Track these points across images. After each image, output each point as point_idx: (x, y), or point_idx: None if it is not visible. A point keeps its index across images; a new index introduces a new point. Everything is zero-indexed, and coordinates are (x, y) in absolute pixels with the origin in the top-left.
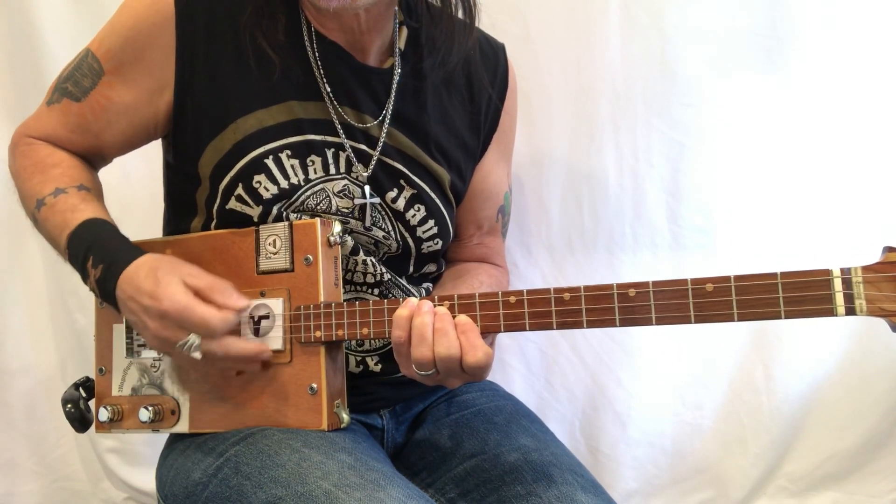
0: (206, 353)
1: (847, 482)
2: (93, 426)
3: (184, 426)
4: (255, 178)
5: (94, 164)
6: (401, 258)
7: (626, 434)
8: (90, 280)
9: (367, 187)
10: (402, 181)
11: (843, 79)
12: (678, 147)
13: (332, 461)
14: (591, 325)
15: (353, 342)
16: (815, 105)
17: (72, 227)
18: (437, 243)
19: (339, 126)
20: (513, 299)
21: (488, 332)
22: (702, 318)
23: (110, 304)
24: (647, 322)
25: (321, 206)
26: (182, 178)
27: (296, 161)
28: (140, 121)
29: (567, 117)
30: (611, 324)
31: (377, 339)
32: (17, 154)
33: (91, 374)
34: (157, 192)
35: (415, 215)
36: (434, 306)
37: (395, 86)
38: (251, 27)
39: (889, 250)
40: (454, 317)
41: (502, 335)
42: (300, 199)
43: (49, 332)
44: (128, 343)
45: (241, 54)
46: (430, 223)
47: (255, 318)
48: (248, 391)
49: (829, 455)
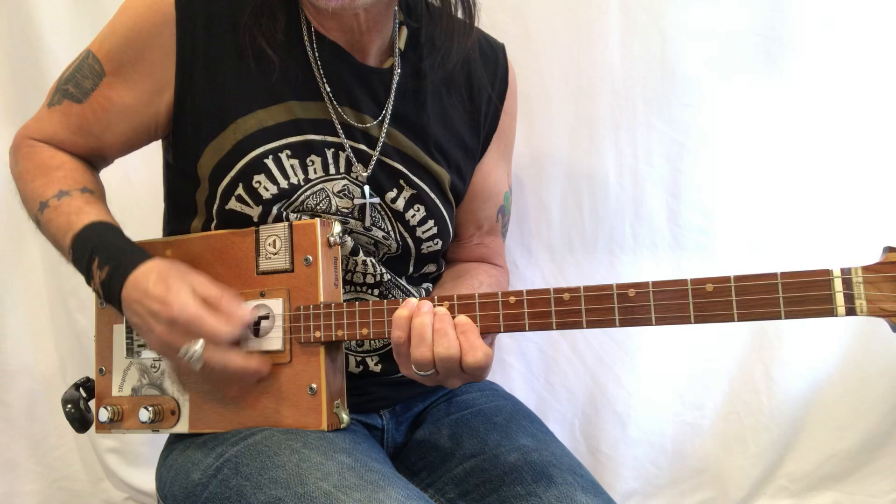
0: (206, 364)
1: (847, 482)
2: (93, 426)
3: (184, 426)
4: (255, 179)
5: (96, 165)
6: (400, 258)
7: (626, 434)
8: (94, 281)
9: (367, 187)
10: (402, 181)
11: (843, 79)
12: (678, 147)
13: (332, 462)
14: (591, 325)
15: (353, 342)
16: (814, 105)
17: (76, 229)
18: (437, 243)
19: (338, 126)
20: (512, 300)
21: (488, 333)
22: (702, 319)
23: (113, 305)
24: (647, 322)
25: (321, 206)
26: (182, 178)
27: (295, 161)
28: (141, 121)
29: (567, 117)
30: (610, 324)
31: (377, 340)
32: (20, 156)
33: (91, 375)
34: (157, 193)
35: (414, 215)
36: (433, 306)
37: (394, 86)
38: (251, 27)
39: (889, 250)
40: (454, 317)
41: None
42: (300, 199)
43: (49, 332)
44: (128, 343)
45: (241, 54)
46: (430, 223)
47: (255, 318)
48: (247, 392)
49: (829, 455)
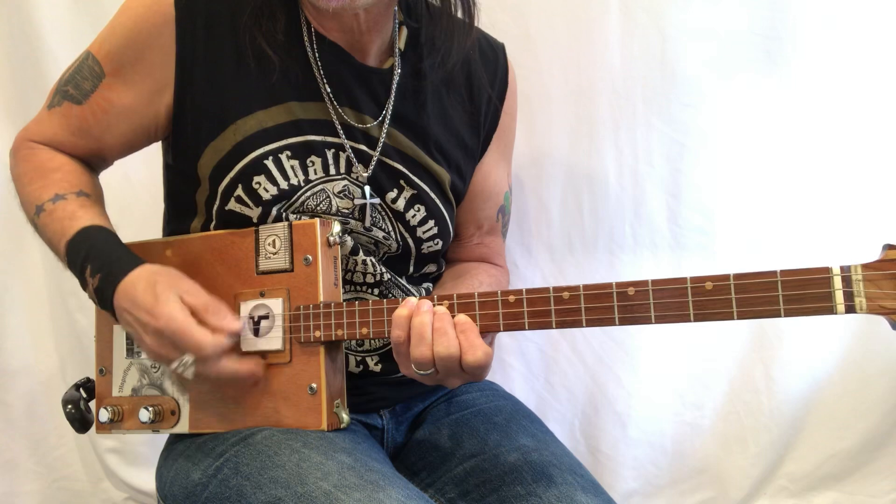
0: (198, 374)
1: (847, 482)
2: (93, 427)
3: (184, 426)
4: (255, 179)
5: (96, 166)
6: (401, 258)
7: (626, 434)
8: (89, 288)
9: (367, 188)
10: (402, 181)
11: (843, 79)
12: (678, 147)
13: (332, 462)
14: (591, 324)
15: (353, 342)
16: (814, 105)
17: (69, 235)
18: (437, 243)
19: (338, 126)
20: (512, 298)
21: (488, 332)
22: (701, 317)
23: (109, 312)
24: (647, 321)
25: (321, 206)
26: (181, 179)
27: (296, 162)
28: (141, 122)
29: (567, 117)
30: (610, 323)
31: (377, 339)
32: (19, 159)
33: (91, 375)
34: (157, 193)
35: (415, 215)
36: (433, 306)
37: (394, 86)
38: (251, 28)
39: (889, 248)
40: (453, 316)
41: (502, 335)
42: (300, 200)
43: (49, 332)
44: (128, 344)
45: (241, 55)
46: (430, 223)
47: (255, 318)
48: (247, 392)
49: (829, 455)
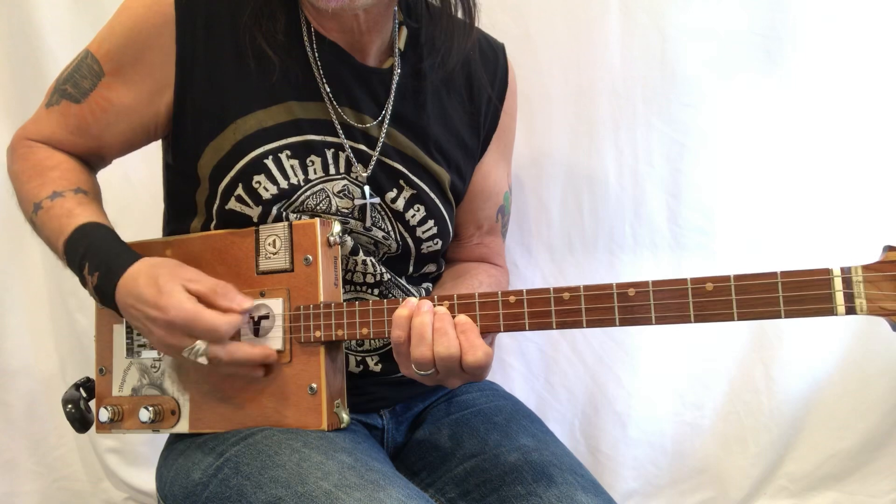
0: (211, 359)
1: (847, 482)
2: (93, 426)
3: (184, 426)
4: (255, 179)
5: (94, 165)
6: (400, 258)
7: (626, 434)
8: (89, 286)
9: (367, 187)
10: (402, 181)
11: (843, 79)
12: (678, 147)
13: (332, 461)
14: (591, 324)
15: (353, 342)
16: (814, 105)
17: (67, 233)
18: (437, 243)
19: (338, 126)
20: (512, 299)
21: (488, 332)
22: (701, 318)
23: (111, 309)
24: (647, 322)
25: (321, 206)
26: (181, 178)
27: (295, 161)
28: (140, 122)
29: (567, 117)
30: (610, 323)
31: (377, 339)
32: (16, 157)
33: (91, 375)
34: (157, 193)
35: (414, 215)
36: (433, 306)
37: (394, 86)
38: (251, 27)
39: (889, 249)
40: (454, 316)
41: (502, 335)
42: (300, 200)
43: (49, 332)
44: (128, 343)
45: (241, 55)
46: (430, 223)
47: (255, 318)
48: (248, 391)
49: (829, 455)
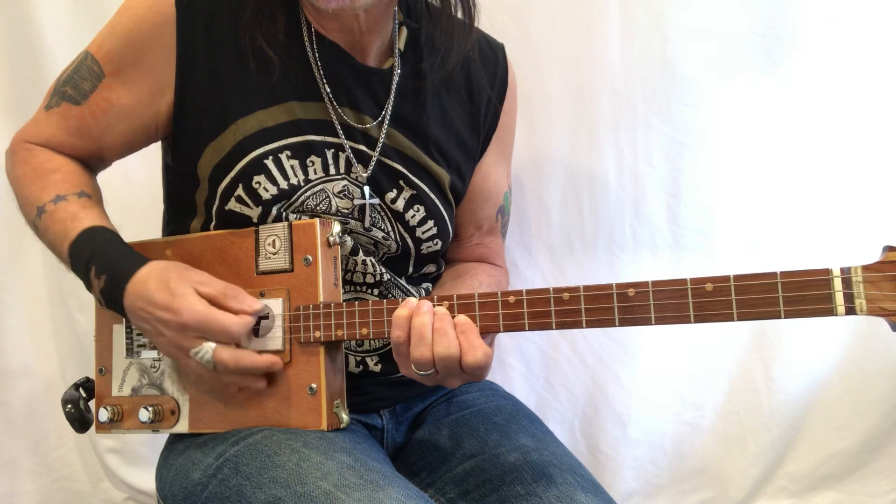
0: (217, 363)
1: (847, 482)
2: (93, 426)
3: (183, 426)
4: (255, 179)
5: (94, 167)
6: (400, 258)
7: (626, 434)
8: (94, 289)
9: (367, 188)
10: (402, 182)
11: (843, 79)
12: (678, 147)
13: (332, 461)
14: (591, 325)
15: (353, 342)
16: (814, 105)
17: (72, 237)
18: (437, 244)
19: (338, 126)
20: (512, 299)
21: (487, 332)
22: (701, 318)
23: (117, 311)
24: (647, 322)
25: (321, 206)
26: (181, 179)
27: (296, 161)
28: (141, 123)
29: (567, 117)
30: (610, 324)
31: (377, 340)
32: (16, 160)
33: (91, 375)
34: (157, 193)
35: (414, 216)
36: (433, 306)
37: (394, 86)
38: (251, 28)
39: (889, 249)
40: (453, 317)
41: (502, 335)
42: (300, 200)
43: (49, 332)
44: (128, 343)
45: (242, 55)
46: (430, 224)
47: (263, 308)
48: (250, 392)
49: (829, 455)
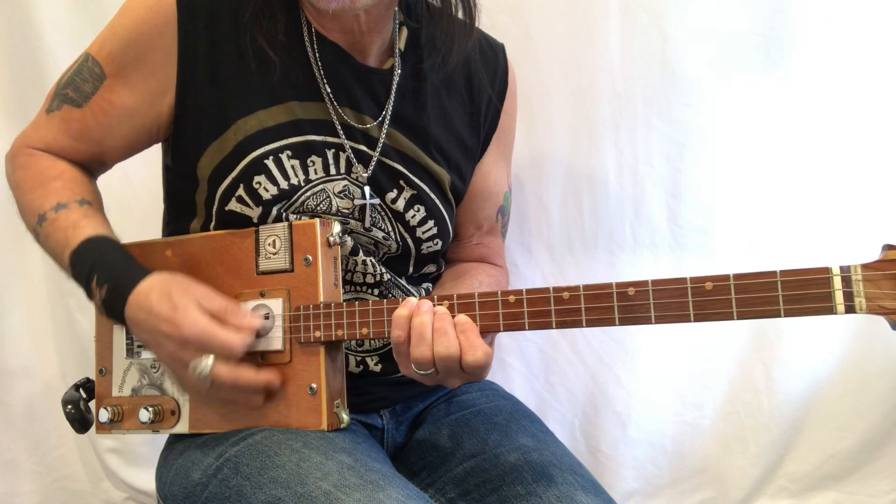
0: (215, 379)
1: (847, 482)
2: (93, 427)
3: (184, 427)
4: (256, 179)
5: (95, 171)
6: (400, 258)
7: (626, 434)
8: (95, 299)
9: (367, 188)
10: (402, 182)
11: (843, 79)
12: (678, 147)
13: (332, 462)
14: (591, 324)
15: (353, 342)
16: (814, 105)
17: (74, 246)
18: (437, 244)
19: (339, 127)
20: (512, 298)
21: (488, 332)
22: (701, 317)
23: (118, 322)
24: (647, 321)
25: (321, 206)
26: (181, 179)
27: (296, 161)
28: (143, 124)
29: (567, 117)
30: (610, 323)
31: (377, 339)
32: (17, 165)
33: (91, 375)
34: (156, 193)
35: (414, 216)
36: (433, 306)
37: (394, 86)
38: (251, 28)
39: (889, 248)
40: (453, 316)
41: (502, 335)
42: (300, 200)
43: (49, 332)
44: (128, 344)
45: (242, 55)
46: (430, 224)
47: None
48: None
49: (829, 455)
